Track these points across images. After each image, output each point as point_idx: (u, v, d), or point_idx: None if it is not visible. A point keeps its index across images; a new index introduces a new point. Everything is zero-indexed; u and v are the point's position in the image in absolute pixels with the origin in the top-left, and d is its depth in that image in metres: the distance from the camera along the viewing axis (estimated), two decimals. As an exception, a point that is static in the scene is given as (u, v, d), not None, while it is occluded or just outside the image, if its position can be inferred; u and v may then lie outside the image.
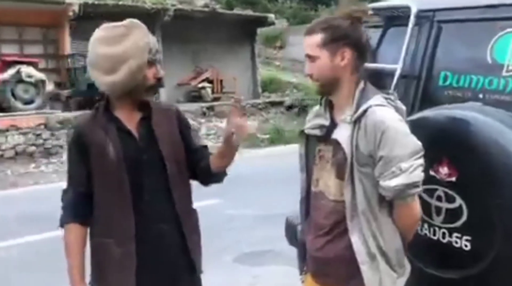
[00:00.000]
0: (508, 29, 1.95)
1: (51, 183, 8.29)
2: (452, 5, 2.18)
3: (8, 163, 9.76)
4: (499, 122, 1.68)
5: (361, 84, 1.62)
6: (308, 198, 1.78)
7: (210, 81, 15.67)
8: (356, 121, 1.55)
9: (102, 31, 1.73)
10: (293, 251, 2.84)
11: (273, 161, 9.66)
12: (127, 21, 1.74)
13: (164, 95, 13.96)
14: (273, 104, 15.56)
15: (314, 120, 1.73)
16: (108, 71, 1.68)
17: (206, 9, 16.38)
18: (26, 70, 11.28)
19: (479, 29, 2.06)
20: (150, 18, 13.67)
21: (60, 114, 11.31)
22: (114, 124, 1.75)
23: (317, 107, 1.76)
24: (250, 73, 17.37)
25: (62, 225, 1.80)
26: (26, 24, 13.16)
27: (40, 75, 11.62)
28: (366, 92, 1.59)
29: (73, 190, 1.79)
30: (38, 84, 11.51)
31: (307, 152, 1.77)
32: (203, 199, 2.37)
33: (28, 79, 11.30)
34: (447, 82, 2.13)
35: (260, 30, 18.19)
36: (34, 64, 11.81)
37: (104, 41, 1.70)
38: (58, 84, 13.41)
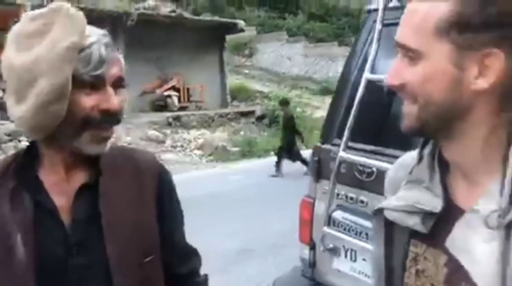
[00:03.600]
0: None
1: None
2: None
3: None
4: None
5: None
6: None
7: (177, 90, 14.89)
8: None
9: (19, 25, 0.97)
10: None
11: (246, 176, 8.97)
12: (52, 6, 0.96)
13: (127, 104, 13.05)
14: (243, 114, 14.88)
15: (408, 190, 0.84)
16: (18, 95, 0.94)
17: (172, 14, 15.61)
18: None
19: None
20: (112, 23, 12.85)
21: (9, 125, 10.28)
22: (31, 195, 0.97)
23: (411, 157, 0.88)
24: (219, 82, 16.67)
25: None
26: (-27, 26, 12.09)
27: (-13, 83, 10.61)
28: None
29: None
30: (-15, 93, 10.49)
31: (389, 252, 0.89)
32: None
33: (-28, 87, 10.29)
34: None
35: (229, 38, 17.55)
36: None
37: (16, 43, 0.95)
38: (9, 92, 12.34)
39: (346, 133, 1.99)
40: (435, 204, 0.79)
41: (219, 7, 24.10)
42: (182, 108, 14.52)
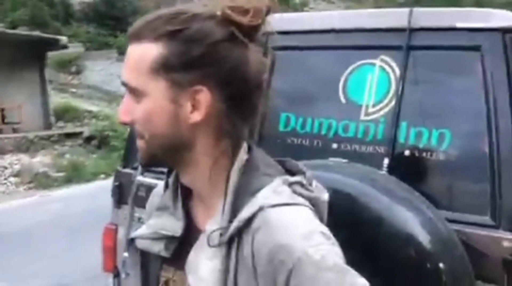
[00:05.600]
0: (363, 61, 1.53)
1: None
2: (285, 27, 1.69)
3: None
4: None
5: (241, 157, 0.80)
6: None
7: (-12, 111, 13.26)
8: (233, 241, 0.76)
9: None
10: None
11: (69, 204, 8.29)
12: None
13: None
14: (69, 135, 13.89)
15: (157, 218, 0.87)
16: None
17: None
18: None
19: (327, 59, 1.61)
20: None
21: None
22: None
23: (160, 188, 0.93)
24: (40, 101, 15.32)
25: None
26: None
27: None
28: (251, 173, 0.80)
29: None
30: None
31: (145, 279, 0.95)
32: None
33: None
34: (290, 127, 1.62)
35: (52, 54, 16.31)
36: None
37: None
38: None
39: (143, 156, 1.97)
40: (177, 228, 0.84)
41: (42, 21, 22.30)
42: (-5, 131, 12.98)
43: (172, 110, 0.77)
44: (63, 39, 15.44)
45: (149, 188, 2.04)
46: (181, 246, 0.84)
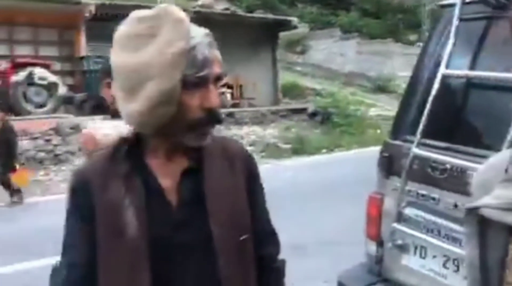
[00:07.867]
0: None
1: (59, 194, 7.72)
2: None
3: (16, 169, 9.26)
4: None
5: None
6: None
7: (230, 87, 15.05)
8: None
9: (126, 26, 1.01)
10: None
11: (299, 173, 8.97)
12: (159, 8, 1.00)
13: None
14: (295, 111, 14.85)
15: (505, 189, 0.84)
16: (127, 94, 0.99)
17: (226, 12, 15.84)
18: (38, 72, 10.95)
19: None
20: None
21: (73, 119, 10.80)
22: (141, 178, 1.04)
23: (503, 157, 0.88)
24: (271, 79, 16.73)
25: None
26: (41, 25, 12.85)
27: (53, 78, 11.26)
28: None
29: (67, 273, 1.05)
30: (51, 87, 11.14)
31: (484, 251, 0.89)
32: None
33: (40, 82, 10.97)
34: None
35: (282, 35, 17.56)
36: (47, 67, 11.45)
37: (123, 43, 0.99)
38: (73, 87, 12.96)
39: (420, 129, 1.97)
40: None
41: (271, 4, 24.15)
42: (234, 105, 14.69)
43: None
44: (294, 20, 16.45)
45: (423, 161, 2.04)
46: None
